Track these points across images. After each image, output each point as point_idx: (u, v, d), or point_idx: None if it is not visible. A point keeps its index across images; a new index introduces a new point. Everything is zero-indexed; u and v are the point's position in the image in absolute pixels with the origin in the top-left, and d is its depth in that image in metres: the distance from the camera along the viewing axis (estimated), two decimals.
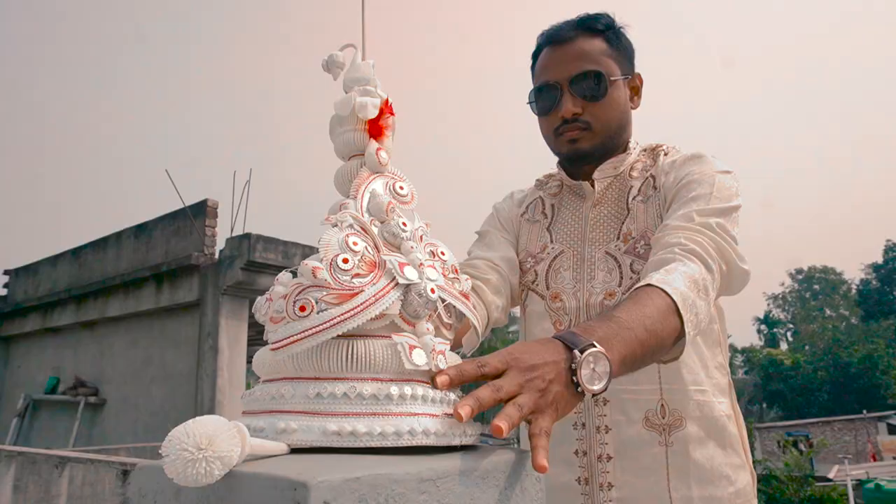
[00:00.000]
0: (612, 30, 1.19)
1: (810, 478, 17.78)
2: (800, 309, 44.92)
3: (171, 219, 6.76)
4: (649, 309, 0.83)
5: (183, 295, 6.18)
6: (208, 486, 0.47)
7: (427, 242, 0.70)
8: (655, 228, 1.11)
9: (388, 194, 0.70)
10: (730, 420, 1.13)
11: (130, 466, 3.04)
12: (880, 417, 23.85)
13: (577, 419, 1.12)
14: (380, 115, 0.74)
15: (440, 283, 0.65)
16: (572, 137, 1.16)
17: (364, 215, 0.66)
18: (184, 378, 6.14)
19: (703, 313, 0.90)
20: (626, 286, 1.12)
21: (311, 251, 6.12)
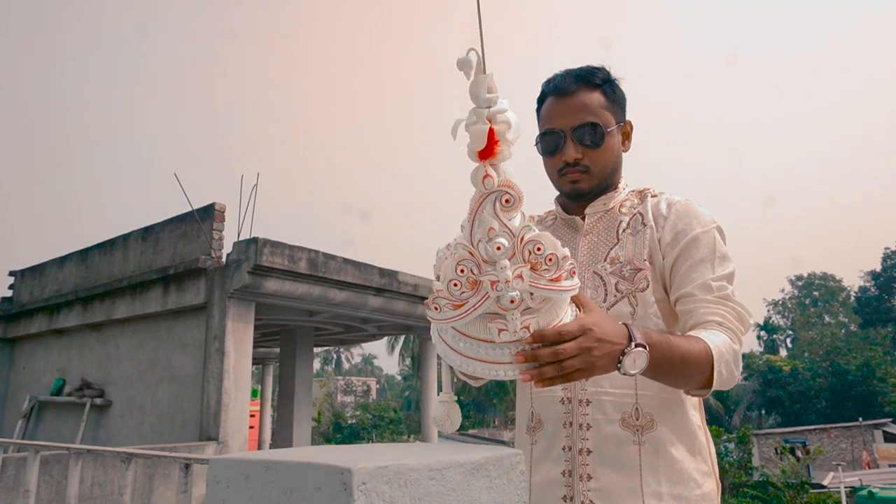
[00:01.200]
0: (609, 83, 1.36)
1: (806, 484, 17.91)
2: (799, 315, 45.00)
3: (179, 222, 6.90)
4: (694, 350, 1.09)
5: (190, 298, 6.32)
6: (272, 471, 0.62)
7: (528, 240, 0.88)
8: (641, 257, 1.29)
9: (493, 215, 0.88)
10: (700, 430, 1.28)
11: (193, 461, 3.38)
12: (877, 425, 23.95)
13: (566, 418, 1.27)
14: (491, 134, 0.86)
15: (524, 287, 0.87)
16: (574, 179, 1.35)
17: (473, 239, 0.89)
18: (190, 380, 6.27)
19: (727, 375, 1.14)
20: (611, 302, 1.29)
21: (316, 256, 6.27)
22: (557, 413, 1.28)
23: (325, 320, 7.91)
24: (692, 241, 1.28)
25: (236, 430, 5.86)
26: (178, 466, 5.24)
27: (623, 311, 1.28)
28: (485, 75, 0.86)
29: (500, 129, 0.86)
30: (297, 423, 8.14)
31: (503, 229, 0.86)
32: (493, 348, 0.90)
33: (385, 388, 66.32)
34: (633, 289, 1.28)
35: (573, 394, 1.27)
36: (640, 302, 1.27)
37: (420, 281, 7.59)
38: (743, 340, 1.22)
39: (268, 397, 12.73)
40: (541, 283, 0.88)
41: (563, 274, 0.90)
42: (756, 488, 18.19)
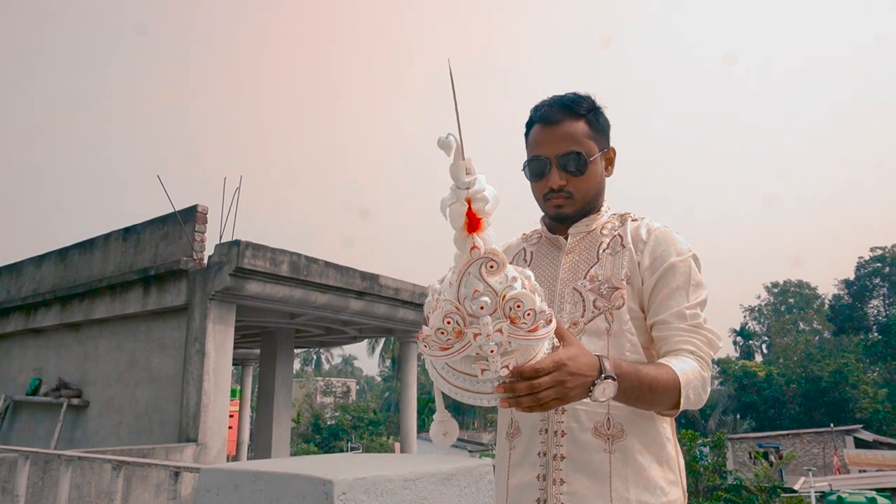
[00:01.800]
0: (593, 112, 1.45)
1: (779, 489, 18.24)
2: (775, 322, 45.75)
3: (161, 223, 6.88)
4: (662, 378, 1.21)
5: (171, 299, 6.31)
6: (260, 480, 0.69)
7: (510, 298, 0.99)
8: (619, 277, 1.39)
9: (479, 277, 0.98)
10: (669, 442, 1.36)
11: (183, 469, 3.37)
12: (848, 431, 24.43)
13: (543, 425, 1.35)
14: (471, 215, 0.97)
15: (503, 338, 0.99)
16: (558, 204, 1.44)
17: (459, 296, 0.99)
18: (169, 381, 6.26)
19: (694, 399, 1.25)
20: (588, 317, 1.38)
21: (298, 259, 6.31)
22: (535, 420, 1.37)
23: (306, 322, 7.93)
24: (669, 268, 1.37)
25: (216, 432, 5.87)
26: (153, 469, 5.25)
27: (600, 327, 1.37)
28: (463, 161, 0.95)
29: (478, 206, 0.96)
30: (277, 425, 8.15)
31: (487, 290, 0.97)
32: (477, 382, 1.03)
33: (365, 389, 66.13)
34: (609, 306, 1.37)
35: None
36: (616, 318, 1.36)
37: (401, 285, 7.65)
38: (711, 364, 1.33)
39: (247, 398, 12.69)
40: (519, 335, 1.00)
41: (540, 324, 1.01)
42: (730, 492, 18.47)
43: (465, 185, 0.96)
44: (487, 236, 0.99)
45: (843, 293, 41.20)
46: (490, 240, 0.99)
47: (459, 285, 0.99)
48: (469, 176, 0.95)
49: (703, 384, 1.26)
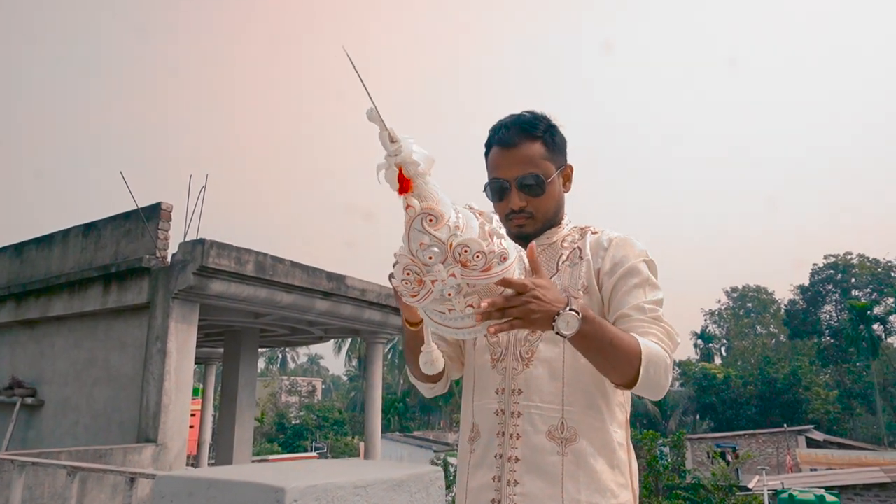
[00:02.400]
0: (549, 131, 1.50)
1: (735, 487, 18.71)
2: (734, 325, 46.90)
3: (123, 220, 6.75)
4: (625, 340, 1.25)
5: (132, 297, 6.20)
6: (214, 488, 0.72)
7: (457, 245, 1.08)
8: (577, 287, 1.45)
9: (422, 231, 1.07)
10: (621, 447, 1.41)
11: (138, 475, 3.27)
12: (800, 431, 25.22)
13: (500, 429, 1.41)
14: (400, 178, 1.06)
15: (459, 281, 1.09)
16: (520, 224, 1.50)
17: (412, 249, 1.09)
18: (129, 380, 6.16)
19: (654, 377, 1.27)
20: None
21: (263, 258, 6.27)
22: (492, 424, 1.42)
23: (271, 322, 7.87)
24: (628, 270, 1.43)
25: (176, 433, 5.80)
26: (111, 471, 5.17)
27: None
28: (386, 131, 1.04)
29: (409, 170, 1.05)
30: (240, 425, 8.07)
31: (434, 240, 1.06)
32: (449, 319, 1.15)
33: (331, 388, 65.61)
34: None
35: (506, 406, 1.41)
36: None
37: (367, 286, 7.65)
38: (671, 368, 1.35)
39: (209, 397, 12.52)
40: (473, 276, 1.09)
41: (493, 263, 1.09)
42: (688, 490, 18.88)
43: (392, 152, 1.04)
44: (428, 192, 1.08)
45: (798, 298, 42.46)
46: (429, 194, 1.08)
47: (409, 241, 1.09)
48: (394, 144, 1.04)
49: (666, 370, 1.29)
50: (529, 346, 1.44)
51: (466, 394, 1.54)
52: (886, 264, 40.36)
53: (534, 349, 1.44)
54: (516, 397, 1.40)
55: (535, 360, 1.42)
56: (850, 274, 40.95)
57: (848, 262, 41.28)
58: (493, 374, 1.46)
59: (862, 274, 40.46)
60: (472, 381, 1.51)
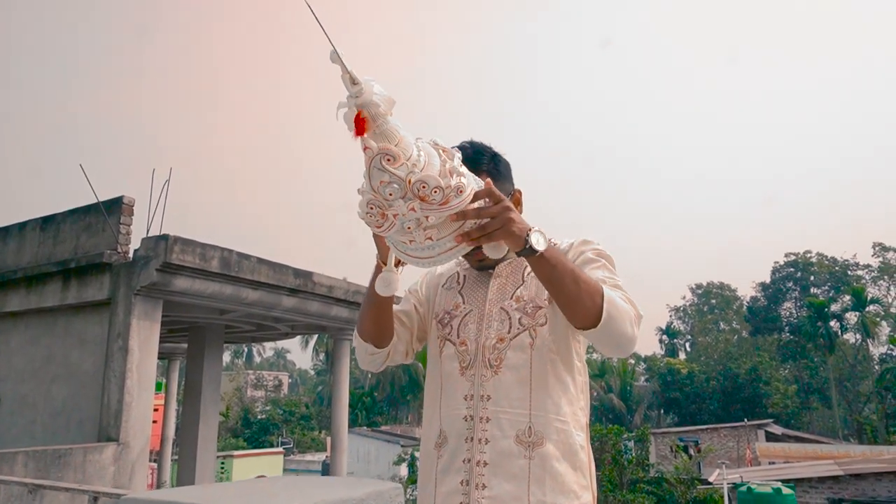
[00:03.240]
0: (492, 161, 1.53)
1: (696, 480, 19.17)
2: (698, 321, 47.87)
3: (83, 213, 6.57)
4: (587, 278, 1.28)
5: (92, 293, 6.05)
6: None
7: (415, 181, 1.13)
8: (542, 297, 1.48)
9: (382, 169, 1.11)
10: (582, 450, 1.46)
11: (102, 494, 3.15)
12: (760, 425, 25.89)
13: (468, 434, 1.43)
14: (357, 121, 1.09)
15: (418, 215, 1.15)
16: (480, 258, 1.53)
17: (374, 186, 1.14)
18: (89, 378, 6.01)
19: (618, 318, 1.27)
20: (514, 334, 1.48)
21: (229, 255, 6.17)
22: (460, 429, 1.44)
23: (237, 318, 7.77)
24: (587, 258, 1.48)
25: (138, 431, 5.69)
26: (70, 470, 5.06)
27: (524, 342, 1.46)
28: (347, 73, 1.06)
29: (370, 110, 1.09)
30: (204, 423, 7.96)
31: (393, 178, 1.11)
32: (410, 249, 1.23)
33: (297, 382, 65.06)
34: (533, 323, 1.47)
35: (475, 412, 1.43)
36: (539, 335, 1.46)
37: (335, 282, 7.60)
38: (637, 325, 1.33)
39: (173, 392, 12.31)
40: (431, 209, 1.15)
41: (451, 196, 1.15)
42: (651, 484, 19.28)
43: (353, 93, 1.07)
44: (389, 131, 1.12)
45: (759, 295, 43.53)
46: (390, 134, 1.12)
47: (370, 179, 1.14)
48: (355, 86, 1.07)
49: (631, 321, 1.28)
50: (498, 354, 1.47)
51: (432, 401, 1.55)
52: (843, 263, 41.66)
53: (502, 356, 1.46)
54: (485, 403, 1.43)
55: (504, 367, 1.45)
56: (809, 272, 42.15)
57: (807, 260, 42.48)
58: (462, 381, 1.48)
59: (820, 272, 41.68)
60: (440, 389, 1.53)
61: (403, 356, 1.65)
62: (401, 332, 1.62)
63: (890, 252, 40.06)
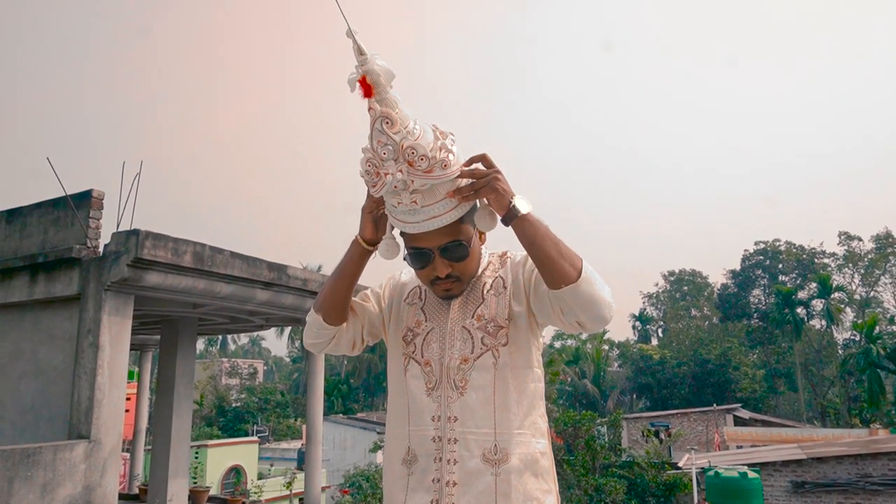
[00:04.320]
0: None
1: (666, 464, 19.60)
2: (670, 308, 48.67)
3: (51, 207, 6.43)
4: (563, 241, 1.36)
5: (61, 289, 5.94)
6: None
7: (406, 147, 1.30)
8: (503, 317, 1.53)
9: (381, 131, 1.29)
10: (543, 456, 1.52)
11: None
12: (728, 410, 26.54)
13: (437, 454, 1.48)
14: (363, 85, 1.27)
15: (404, 177, 1.32)
16: (447, 288, 1.55)
17: (373, 145, 1.32)
18: (59, 374, 5.93)
19: (597, 287, 1.34)
20: (477, 354, 1.52)
21: (202, 249, 6.11)
22: (429, 450, 1.49)
23: (210, 312, 7.71)
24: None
25: (110, 428, 5.63)
26: (40, 469, 5.00)
27: (487, 362, 1.51)
28: (356, 45, 1.25)
29: (372, 77, 1.26)
30: (177, 416, 7.90)
31: (389, 140, 1.29)
32: (397, 212, 1.41)
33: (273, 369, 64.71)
34: (495, 343, 1.51)
35: (443, 433, 1.48)
36: (501, 354, 1.51)
37: (310, 275, 7.58)
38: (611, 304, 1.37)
39: (146, 384, 12.18)
40: (417, 174, 1.32)
41: (435, 167, 1.32)
42: (623, 468, 19.65)
43: (360, 62, 1.25)
44: (388, 100, 1.29)
45: (730, 282, 44.38)
46: (390, 102, 1.29)
47: (371, 138, 1.32)
48: (361, 56, 1.25)
49: (606, 288, 1.35)
50: (462, 375, 1.51)
51: (400, 419, 1.59)
52: (811, 251, 42.63)
53: (467, 378, 1.51)
54: (452, 424, 1.48)
55: (469, 388, 1.50)
56: (778, 260, 43.07)
57: (776, 248, 43.37)
58: (429, 403, 1.52)
59: (789, 260, 42.62)
60: (406, 408, 1.56)
61: (349, 345, 1.67)
62: (353, 321, 1.65)
63: (855, 241, 41.13)
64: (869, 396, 28.37)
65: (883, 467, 12.93)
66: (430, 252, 1.48)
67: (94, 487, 5.42)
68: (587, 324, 1.38)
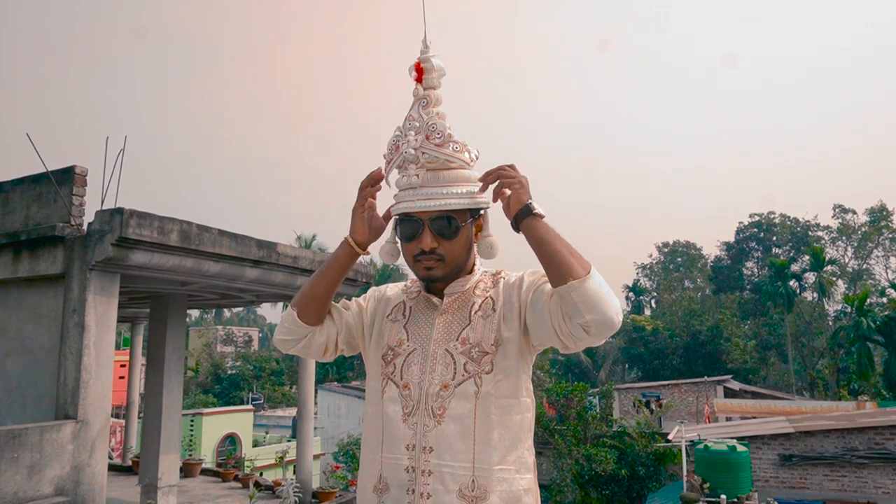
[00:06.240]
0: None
1: (657, 434, 19.87)
2: (663, 279, 48.86)
3: (33, 183, 6.27)
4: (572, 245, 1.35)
5: (45, 267, 5.83)
6: None
7: (430, 124, 1.45)
8: (489, 342, 1.44)
9: (416, 110, 1.47)
10: (527, 493, 1.43)
11: None
12: (719, 381, 26.83)
13: (409, 485, 1.40)
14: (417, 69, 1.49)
15: (416, 145, 1.43)
16: (428, 266, 1.47)
17: (404, 123, 1.48)
18: (45, 353, 5.86)
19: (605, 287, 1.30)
20: (458, 381, 1.43)
21: (189, 227, 5.99)
22: (402, 480, 1.41)
23: (199, 290, 7.63)
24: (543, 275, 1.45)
25: (98, 408, 5.59)
26: (27, 450, 4.96)
27: (468, 391, 1.42)
28: (425, 38, 1.47)
29: (426, 66, 1.47)
30: (167, 392, 7.87)
31: (419, 117, 1.45)
32: (402, 184, 1.46)
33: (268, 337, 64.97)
34: (479, 370, 1.43)
35: (417, 464, 1.40)
36: (484, 383, 1.42)
37: (300, 253, 7.48)
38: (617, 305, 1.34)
39: (138, 357, 12.16)
40: (429, 146, 1.43)
41: (448, 145, 1.43)
42: (614, 438, 19.91)
43: (422, 51, 1.49)
44: (431, 83, 1.48)
45: (723, 254, 44.49)
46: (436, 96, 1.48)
47: (406, 117, 1.48)
48: (425, 52, 1.48)
49: (612, 292, 1.32)
50: (441, 403, 1.43)
51: (373, 444, 1.51)
52: (805, 223, 42.67)
53: (445, 406, 1.42)
54: (427, 455, 1.39)
55: (447, 418, 1.41)
56: (772, 232, 43.12)
57: (771, 220, 43.37)
58: (404, 429, 1.44)
59: (783, 232, 42.68)
60: (380, 433, 1.49)
61: (321, 350, 1.61)
62: (329, 325, 1.60)
63: (849, 213, 41.14)
64: (858, 368, 28.70)
65: (869, 441, 13.13)
66: (420, 221, 1.45)
67: (82, 468, 5.39)
68: (593, 326, 1.28)
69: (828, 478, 13.13)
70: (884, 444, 12.97)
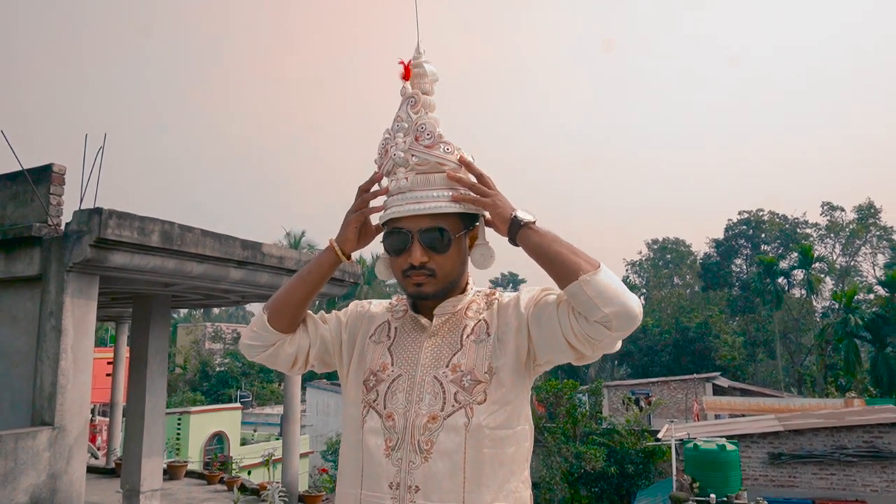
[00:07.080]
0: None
1: (646, 432, 19.90)
2: (653, 276, 49.02)
3: (9, 181, 6.08)
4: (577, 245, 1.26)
5: (22, 268, 5.65)
6: None
7: (419, 124, 1.38)
8: (482, 369, 1.32)
9: (404, 110, 1.40)
10: None
11: None
12: (707, 378, 26.92)
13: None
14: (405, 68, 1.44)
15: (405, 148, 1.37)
16: (418, 282, 1.35)
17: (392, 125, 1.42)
18: (21, 357, 5.68)
19: (616, 280, 1.21)
20: (447, 412, 1.30)
21: (170, 228, 5.83)
22: None
23: (183, 290, 7.46)
24: (542, 289, 1.37)
25: (75, 414, 5.43)
26: (1, 456, 4.80)
27: (458, 423, 1.30)
28: (418, 43, 1.43)
29: (417, 70, 1.43)
30: (150, 394, 7.70)
31: (408, 118, 1.39)
32: (393, 189, 1.39)
33: None
34: (470, 400, 1.31)
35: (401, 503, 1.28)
36: (476, 414, 1.30)
37: (286, 253, 7.34)
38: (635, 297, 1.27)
39: (122, 357, 11.96)
40: (418, 148, 1.36)
41: (438, 145, 1.36)
42: (603, 435, 19.92)
43: (415, 55, 1.44)
44: (424, 88, 1.42)
45: (712, 251, 44.67)
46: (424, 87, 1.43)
47: (394, 118, 1.42)
48: (419, 57, 1.43)
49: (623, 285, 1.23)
50: (429, 437, 1.30)
51: (352, 478, 1.38)
52: (794, 221, 42.91)
53: (433, 440, 1.30)
54: (413, 494, 1.28)
55: (435, 454, 1.29)
56: (760, 229, 43.32)
57: (759, 218, 43.58)
58: (388, 466, 1.31)
59: (771, 229, 42.89)
60: (360, 467, 1.36)
61: (289, 361, 1.49)
62: (301, 335, 1.48)
63: (837, 211, 41.41)
64: (845, 365, 28.89)
65: (857, 439, 13.18)
66: (409, 234, 1.34)
67: (59, 475, 5.24)
68: (614, 320, 1.17)
69: (817, 476, 13.17)
70: (872, 442, 13.02)
